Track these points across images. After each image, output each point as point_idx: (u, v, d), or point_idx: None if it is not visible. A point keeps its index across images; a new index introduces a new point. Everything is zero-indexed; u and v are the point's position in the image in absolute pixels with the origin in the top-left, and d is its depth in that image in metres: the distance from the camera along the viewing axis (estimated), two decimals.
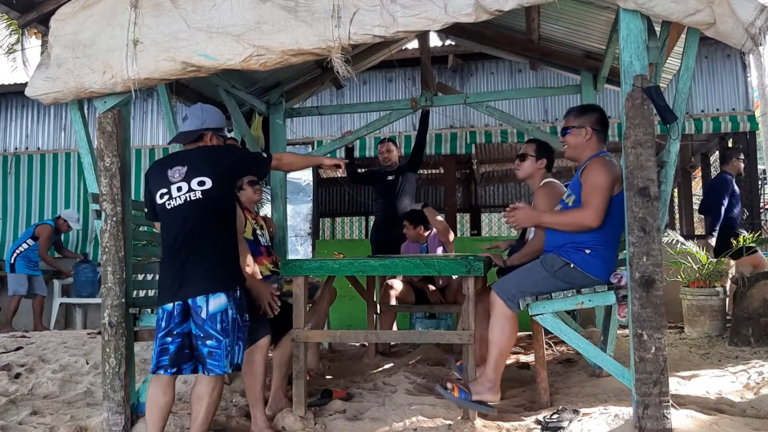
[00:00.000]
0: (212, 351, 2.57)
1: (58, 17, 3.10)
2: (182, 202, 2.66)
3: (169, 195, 2.69)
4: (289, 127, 6.37)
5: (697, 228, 10.17)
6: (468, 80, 7.65)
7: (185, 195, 2.66)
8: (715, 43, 6.65)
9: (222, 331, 2.57)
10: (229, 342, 2.59)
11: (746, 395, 3.23)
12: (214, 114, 2.91)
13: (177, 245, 2.65)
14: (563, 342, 4.27)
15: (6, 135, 8.53)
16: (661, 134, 5.11)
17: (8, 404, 3.49)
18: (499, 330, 2.92)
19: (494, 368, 2.93)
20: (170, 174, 2.70)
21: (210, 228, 2.66)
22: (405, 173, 5.51)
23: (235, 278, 2.71)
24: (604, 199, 2.85)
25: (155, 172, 2.79)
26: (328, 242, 8.66)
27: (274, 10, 2.82)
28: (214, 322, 2.57)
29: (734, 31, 2.50)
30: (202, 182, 2.66)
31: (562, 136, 3.15)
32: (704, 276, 5.27)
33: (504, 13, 2.64)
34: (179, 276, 2.62)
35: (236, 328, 2.65)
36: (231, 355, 2.61)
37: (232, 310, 2.62)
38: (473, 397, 2.88)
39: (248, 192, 3.88)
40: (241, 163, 2.89)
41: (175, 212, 2.68)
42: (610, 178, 2.85)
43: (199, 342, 2.59)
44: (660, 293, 2.52)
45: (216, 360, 2.58)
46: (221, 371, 2.59)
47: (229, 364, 2.60)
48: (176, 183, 2.68)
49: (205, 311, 2.57)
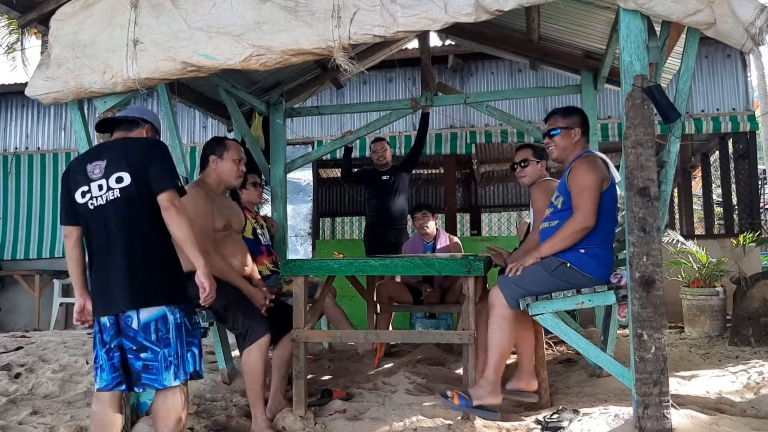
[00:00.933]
0: (147, 364, 2.30)
1: (58, 17, 3.10)
2: (103, 203, 2.38)
3: (90, 194, 2.41)
4: (289, 127, 6.37)
5: (697, 228, 10.18)
6: (468, 80, 7.65)
7: (105, 194, 2.38)
8: (715, 43, 6.65)
9: (159, 341, 2.30)
10: (170, 352, 2.31)
11: (746, 395, 3.23)
12: (154, 115, 2.68)
13: (102, 251, 2.39)
14: (563, 342, 4.27)
15: (6, 135, 8.53)
16: (661, 134, 5.13)
17: (8, 404, 3.49)
18: (499, 331, 2.91)
19: (494, 370, 2.92)
20: (90, 170, 2.42)
21: (135, 230, 2.36)
22: (399, 173, 5.51)
23: (175, 291, 2.40)
24: (593, 198, 2.85)
25: (74, 169, 2.49)
26: (328, 242, 8.67)
27: (274, 10, 2.82)
28: (148, 332, 2.29)
29: (734, 31, 2.50)
30: (120, 178, 2.37)
31: (549, 137, 3.11)
32: (704, 276, 5.27)
33: (504, 13, 2.64)
34: (106, 287, 2.35)
35: (183, 334, 2.37)
36: (179, 365, 2.33)
37: (173, 315, 2.34)
38: (474, 403, 2.86)
39: (251, 193, 3.88)
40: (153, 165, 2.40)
41: (98, 213, 2.40)
42: (596, 177, 2.87)
43: (131, 356, 2.31)
44: (660, 293, 2.52)
45: (153, 374, 2.30)
46: (160, 385, 2.31)
47: (174, 375, 2.31)
48: (96, 180, 2.40)
49: (135, 321, 2.30)
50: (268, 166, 5.26)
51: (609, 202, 2.92)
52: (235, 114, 4.95)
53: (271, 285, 3.51)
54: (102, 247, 2.39)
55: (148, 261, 2.36)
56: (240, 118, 5.03)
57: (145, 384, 2.32)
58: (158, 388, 2.32)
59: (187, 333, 2.40)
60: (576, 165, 2.95)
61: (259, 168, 5.09)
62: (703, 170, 9.20)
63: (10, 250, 8.21)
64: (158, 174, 2.38)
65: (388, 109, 5.51)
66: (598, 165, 2.92)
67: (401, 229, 5.55)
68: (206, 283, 2.41)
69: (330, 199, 12.01)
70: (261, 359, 2.98)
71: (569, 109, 3.16)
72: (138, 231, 2.37)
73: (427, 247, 4.96)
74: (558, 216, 3.01)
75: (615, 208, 2.98)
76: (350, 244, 7.98)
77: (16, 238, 8.21)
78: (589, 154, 3.03)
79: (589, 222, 2.84)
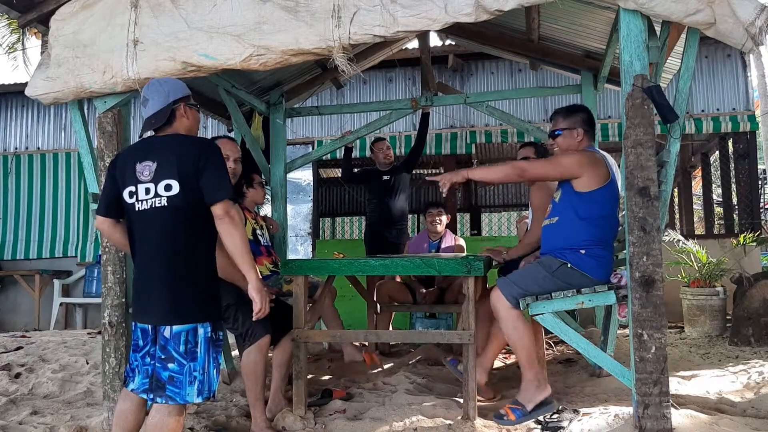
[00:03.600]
0: (173, 376, 2.20)
1: (58, 17, 3.10)
2: (148, 208, 2.27)
3: (137, 196, 2.29)
4: (289, 126, 6.37)
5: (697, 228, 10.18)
6: (468, 80, 7.65)
7: (152, 200, 2.27)
8: (715, 43, 6.65)
9: (186, 354, 2.21)
10: (195, 366, 2.21)
11: (746, 395, 3.23)
12: (175, 82, 2.45)
13: (143, 257, 2.31)
14: (563, 342, 4.27)
15: (6, 135, 8.53)
16: (661, 134, 5.13)
17: (8, 404, 3.49)
18: (513, 331, 2.91)
19: (529, 368, 2.92)
20: (139, 170, 2.29)
21: (178, 242, 2.27)
22: (400, 174, 5.52)
23: (209, 307, 2.31)
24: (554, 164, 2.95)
25: (122, 164, 2.36)
26: (328, 242, 8.66)
27: (275, 10, 2.82)
28: (177, 343, 2.21)
29: (734, 31, 2.50)
30: (169, 186, 2.25)
31: (552, 138, 3.13)
32: (704, 276, 5.27)
33: (504, 13, 2.65)
34: (146, 295, 2.29)
35: (211, 348, 2.28)
36: (204, 381, 2.23)
37: (204, 328, 2.25)
38: (529, 408, 2.87)
39: (258, 193, 3.86)
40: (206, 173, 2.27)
41: (142, 218, 2.30)
42: (576, 160, 2.90)
43: (159, 365, 2.22)
44: (660, 293, 2.52)
45: (177, 387, 2.19)
46: (182, 400, 2.20)
47: (198, 391, 2.21)
48: (145, 183, 2.28)
49: (168, 330, 2.22)
50: (268, 166, 5.25)
51: (608, 201, 2.92)
52: (235, 114, 4.95)
53: (271, 285, 3.51)
54: (144, 253, 2.31)
55: (188, 275, 2.27)
56: (240, 118, 5.03)
57: (169, 396, 2.20)
58: (179, 402, 2.21)
59: (214, 348, 2.30)
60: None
61: (259, 168, 5.09)
62: (703, 170, 9.19)
63: (10, 250, 8.20)
64: (211, 183, 2.26)
65: (388, 109, 5.51)
66: (590, 156, 2.94)
67: (402, 228, 5.55)
68: (257, 297, 2.36)
69: (330, 199, 12.01)
70: (261, 359, 2.98)
71: (571, 109, 3.15)
72: (181, 243, 2.27)
73: (432, 245, 4.96)
74: (557, 211, 3.02)
75: (615, 208, 2.98)
76: (350, 244, 7.97)
77: (16, 238, 8.21)
78: (592, 150, 3.05)
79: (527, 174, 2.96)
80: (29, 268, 7.96)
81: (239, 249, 2.28)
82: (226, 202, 2.27)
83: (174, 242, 2.26)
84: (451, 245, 4.96)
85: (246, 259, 2.30)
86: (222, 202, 2.26)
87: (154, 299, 2.25)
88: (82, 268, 7.86)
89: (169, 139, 2.34)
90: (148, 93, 2.39)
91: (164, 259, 2.26)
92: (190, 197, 2.26)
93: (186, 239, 2.28)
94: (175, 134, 2.37)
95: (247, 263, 2.31)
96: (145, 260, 2.31)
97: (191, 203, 2.26)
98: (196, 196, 2.26)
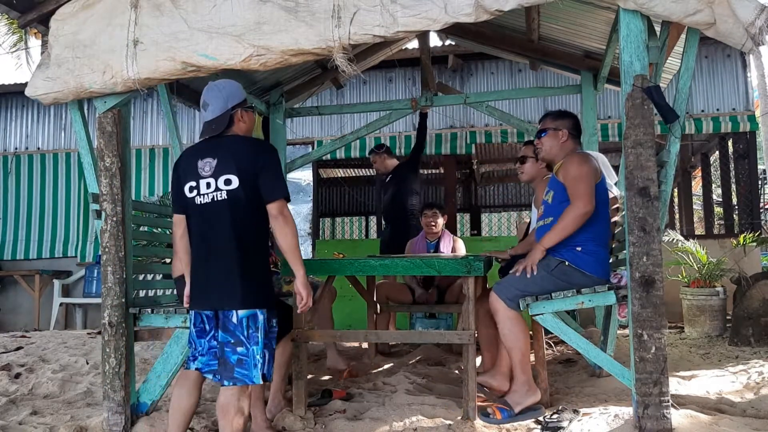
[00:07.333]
0: (242, 359, 2.38)
1: (58, 17, 3.10)
2: (209, 201, 2.45)
3: (198, 190, 2.47)
4: (289, 127, 6.37)
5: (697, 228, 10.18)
6: (468, 80, 7.64)
7: (213, 193, 2.44)
8: (715, 43, 6.65)
9: (248, 338, 2.39)
10: (258, 350, 2.39)
11: (746, 395, 3.23)
12: (233, 87, 2.60)
13: (204, 248, 2.48)
14: (563, 342, 4.27)
15: (6, 135, 8.53)
16: (661, 134, 5.13)
17: (8, 404, 3.49)
18: (510, 332, 2.93)
19: (522, 370, 2.94)
20: (200, 166, 2.47)
21: (238, 233, 2.43)
22: (400, 174, 5.57)
23: (267, 295, 2.51)
24: (589, 185, 2.89)
25: (185, 162, 2.55)
26: (328, 242, 8.66)
27: (275, 11, 2.82)
28: (242, 328, 2.39)
29: (734, 31, 2.50)
30: (229, 181, 2.43)
31: (538, 138, 3.17)
32: (704, 276, 5.27)
33: (504, 13, 2.65)
34: (207, 284, 2.45)
35: (268, 335, 2.48)
36: (264, 365, 2.42)
37: (263, 315, 2.44)
38: (516, 410, 2.90)
39: None
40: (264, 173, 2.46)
41: (203, 211, 2.47)
42: (589, 167, 2.92)
43: (228, 349, 2.40)
44: (660, 293, 2.52)
45: (245, 369, 2.38)
46: (250, 381, 2.39)
47: (261, 375, 2.40)
48: (206, 178, 2.45)
49: (235, 316, 2.39)
50: None
51: (599, 199, 2.94)
52: None
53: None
54: (203, 244, 2.48)
55: (247, 264, 2.44)
56: None
57: (237, 378, 2.38)
58: (246, 383, 2.39)
59: (270, 334, 2.50)
60: (566, 160, 3.00)
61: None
62: (703, 170, 9.19)
63: (10, 250, 8.20)
64: (269, 183, 2.45)
65: (388, 109, 5.51)
66: (589, 158, 2.98)
67: (405, 228, 5.56)
68: (304, 291, 2.54)
69: (330, 199, 12.01)
70: None
71: (560, 113, 3.22)
72: (240, 234, 2.44)
73: (430, 245, 4.96)
74: (550, 212, 3.04)
75: (606, 206, 3.01)
76: (350, 244, 7.97)
77: (16, 238, 8.21)
78: (579, 152, 3.08)
79: (589, 207, 2.86)
80: (29, 268, 7.96)
81: (291, 246, 2.49)
82: (281, 201, 2.48)
83: (233, 233, 2.43)
84: (450, 246, 4.96)
85: (297, 254, 2.51)
86: (278, 201, 2.46)
87: (219, 286, 2.42)
88: (82, 268, 7.86)
89: (228, 140, 2.52)
90: (208, 98, 2.56)
91: (225, 249, 2.42)
92: (249, 192, 2.44)
93: (246, 230, 2.45)
94: (234, 135, 2.55)
95: (297, 259, 2.51)
96: (204, 251, 2.47)
97: (250, 198, 2.44)
98: (254, 192, 2.45)
